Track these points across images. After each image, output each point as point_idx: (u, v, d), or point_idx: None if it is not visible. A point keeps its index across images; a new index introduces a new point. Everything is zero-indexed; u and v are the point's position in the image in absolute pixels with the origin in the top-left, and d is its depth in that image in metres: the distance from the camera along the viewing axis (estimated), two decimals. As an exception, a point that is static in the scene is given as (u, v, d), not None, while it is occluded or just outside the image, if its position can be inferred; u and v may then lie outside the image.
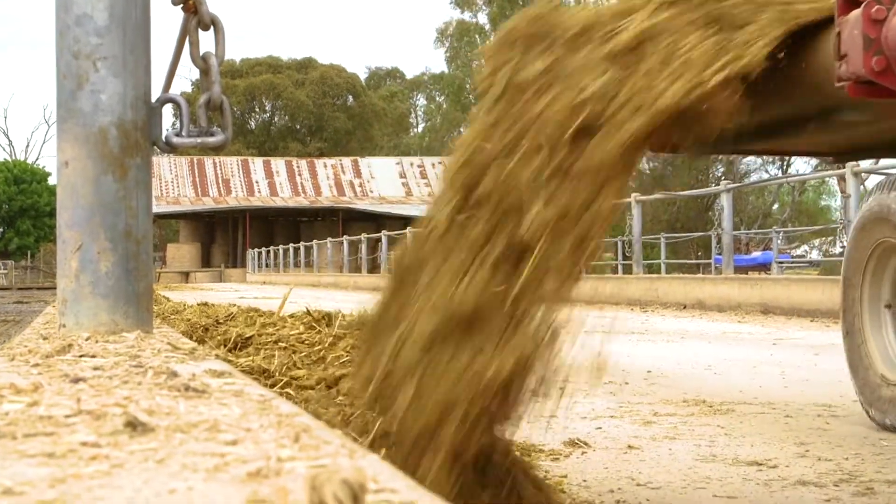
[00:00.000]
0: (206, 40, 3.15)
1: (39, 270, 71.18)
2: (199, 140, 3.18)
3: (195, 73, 3.39)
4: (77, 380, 1.83)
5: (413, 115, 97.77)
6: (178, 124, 3.19)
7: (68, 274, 3.01)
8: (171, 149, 3.16)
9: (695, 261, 30.58)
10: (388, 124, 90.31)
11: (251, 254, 64.40)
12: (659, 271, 26.97)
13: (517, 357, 2.32)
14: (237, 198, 72.00)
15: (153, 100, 3.15)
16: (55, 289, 3.19)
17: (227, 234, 71.51)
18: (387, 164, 77.63)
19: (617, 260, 26.01)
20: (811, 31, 2.65)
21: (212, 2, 3.11)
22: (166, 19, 3.62)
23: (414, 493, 1.01)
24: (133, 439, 1.30)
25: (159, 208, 64.73)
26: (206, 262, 69.76)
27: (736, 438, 4.67)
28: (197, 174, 73.43)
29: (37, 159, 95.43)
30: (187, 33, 3.15)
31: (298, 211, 71.67)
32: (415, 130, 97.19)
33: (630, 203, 20.71)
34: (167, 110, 3.25)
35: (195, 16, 3.10)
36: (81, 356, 2.28)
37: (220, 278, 63.70)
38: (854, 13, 2.48)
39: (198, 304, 10.01)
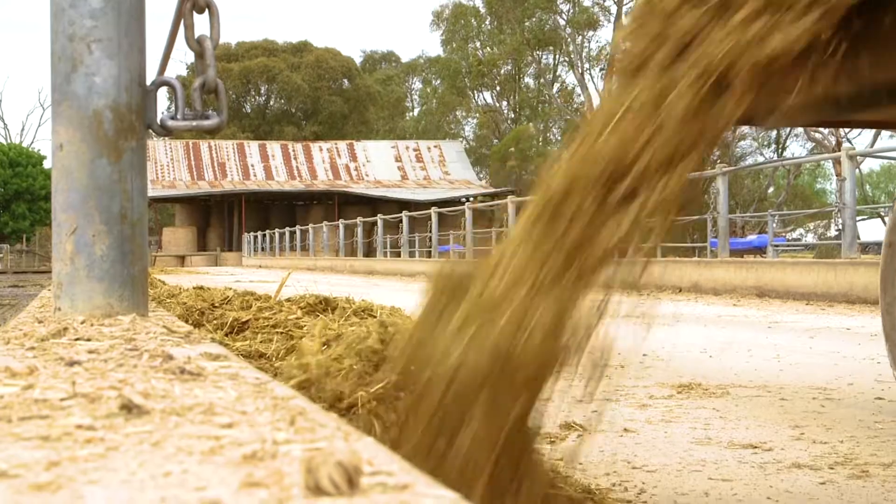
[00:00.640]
0: (201, 23, 3.14)
1: (35, 254, 71.15)
2: (195, 123, 3.17)
3: (190, 57, 3.38)
4: (72, 363, 1.83)
5: (409, 99, 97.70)
6: (173, 107, 3.19)
7: (63, 257, 3.00)
8: (166, 132, 3.16)
9: (690, 244, 30.59)
10: (384, 108, 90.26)
11: (247, 238, 64.41)
12: (654, 255, 26.89)
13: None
14: (233, 181, 71.98)
15: (148, 83, 3.14)
16: (51, 272, 3.19)
17: (222, 218, 71.50)
18: (382, 148, 77.62)
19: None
20: None
21: (207, -16, 3.10)
22: (161, 2, 3.62)
23: (409, 475, 1.01)
24: (128, 422, 1.30)
25: (155, 192, 64.73)
26: (201, 245, 69.76)
27: (731, 421, 4.68)
28: (192, 158, 73.40)
29: (32, 142, 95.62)
30: (182, 16, 3.14)
31: (294, 195, 71.64)
32: (410, 114, 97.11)
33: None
34: (162, 94, 3.25)
35: (190, -2, 3.09)
36: (77, 339, 2.28)
37: (215, 262, 63.70)
38: None
39: (193, 288, 10.00)
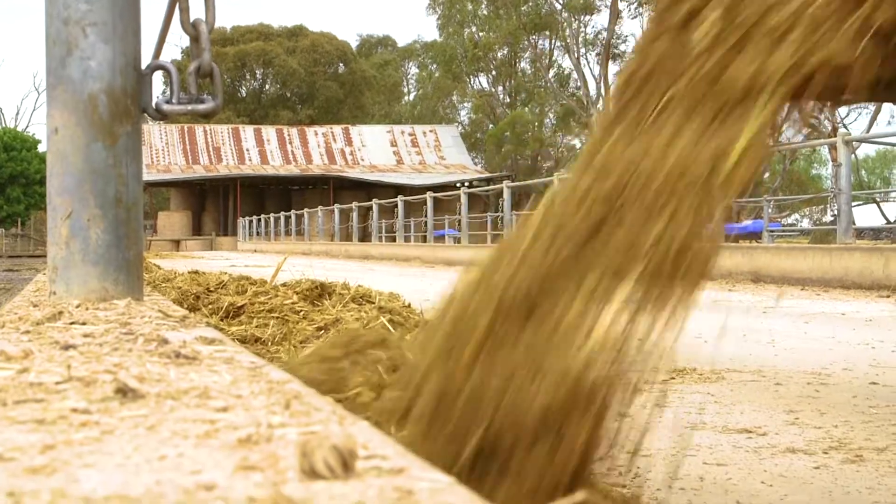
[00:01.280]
0: (196, 7, 3.13)
1: (30, 238, 71.09)
2: (190, 107, 3.16)
3: (185, 41, 3.38)
4: (67, 347, 1.83)
5: (405, 84, 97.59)
6: (168, 92, 3.18)
7: (58, 241, 3.00)
8: (161, 116, 3.15)
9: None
10: (380, 92, 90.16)
11: (242, 222, 64.36)
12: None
13: None
14: (228, 166, 71.90)
15: (143, 67, 3.14)
16: (46, 257, 3.18)
17: (217, 203, 71.44)
18: (378, 133, 77.53)
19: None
20: None
21: (202, -32, 3.10)
22: (156, -15, 3.60)
23: (404, 459, 1.01)
24: (123, 406, 1.30)
25: (150, 176, 64.65)
26: (196, 230, 69.71)
27: (726, 406, 4.69)
28: (187, 142, 73.30)
29: (27, 127, 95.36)
30: (177, 0, 3.14)
31: (289, 179, 71.57)
32: (406, 99, 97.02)
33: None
34: (157, 78, 3.24)
35: (185, -18, 3.08)
36: (72, 323, 2.28)
37: (210, 246, 63.69)
38: None
39: (189, 273, 9.99)
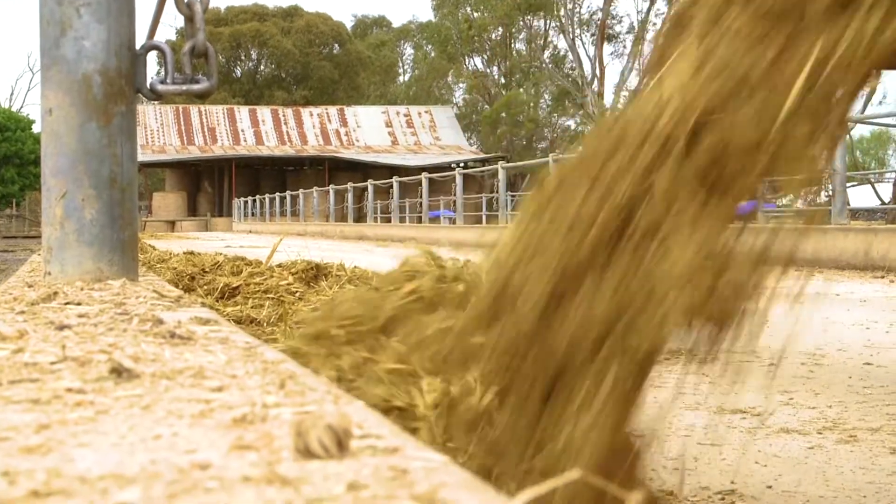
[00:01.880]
0: (191, -14, 3.12)
1: (25, 219, 71.04)
2: (184, 87, 3.16)
3: (180, 21, 3.38)
4: (62, 327, 1.83)
5: (400, 65, 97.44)
6: (162, 72, 3.18)
7: (53, 221, 3.00)
8: (155, 96, 3.15)
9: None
10: (376, 73, 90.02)
11: (237, 203, 64.31)
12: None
13: None
14: (223, 147, 71.81)
15: (137, 47, 3.13)
16: (40, 237, 3.18)
17: (212, 183, 71.34)
18: (373, 114, 77.44)
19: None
20: None
21: (196, -53, 3.09)
22: (150, -35, 3.60)
23: (399, 438, 1.01)
24: (118, 386, 1.30)
25: (145, 157, 64.56)
26: (191, 211, 69.64)
27: (720, 387, 4.70)
28: (182, 123, 73.18)
29: (21, 107, 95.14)
30: (171, -21, 3.13)
31: (284, 160, 71.49)
32: (402, 79, 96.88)
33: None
34: (152, 58, 3.24)
35: (179, -39, 3.07)
36: (67, 304, 2.28)
37: (206, 227, 63.64)
38: None
39: (184, 253, 10.00)
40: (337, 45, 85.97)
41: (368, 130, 75.22)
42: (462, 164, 53.24)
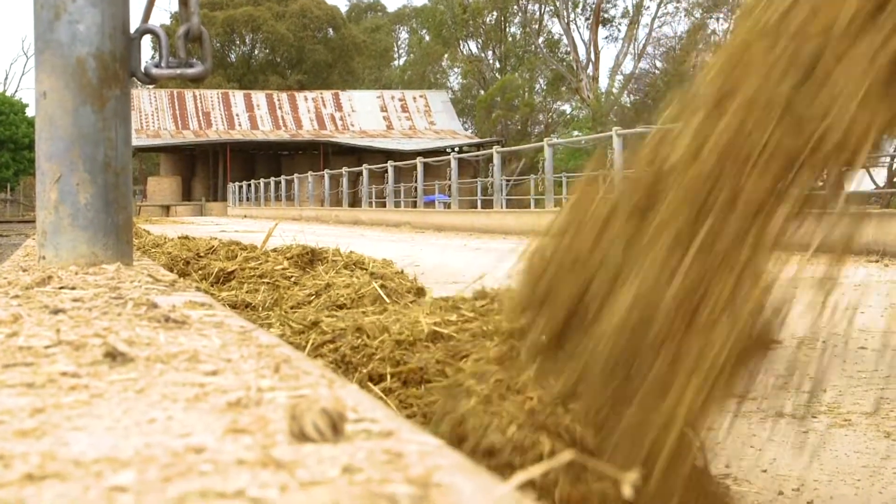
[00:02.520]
0: (185, -30, 3.11)
1: (19, 204, 70.93)
2: (179, 71, 3.15)
3: (174, 5, 3.36)
4: (57, 311, 1.83)
5: (395, 49, 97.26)
6: (157, 56, 3.17)
7: (47, 206, 2.99)
8: (150, 80, 3.14)
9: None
10: (370, 57, 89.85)
11: (232, 187, 64.21)
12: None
13: None
14: (218, 131, 71.67)
15: (132, 31, 3.12)
16: (35, 222, 3.18)
17: (207, 168, 71.22)
18: (368, 98, 77.30)
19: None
20: None
21: (190, -69, 3.08)
22: (144, -51, 3.58)
23: (393, 422, 1.01)
24: (113, 369, 1.30)
25: (139, 141, 64.44)
26: (186, 195, 69.54)
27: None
28: (177, 107, 73.03)
29: (16, 91, 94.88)
30: (165, -37, 3.12)
31: (279, 144, 71.38)
32: (396, 64, 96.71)
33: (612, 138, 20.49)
34: (146, 43, 3.23)
35: (173, -55, 3.07)
36: (61, 288, 2.28)
37: (200, 212, 63.56)
38: None
39: (178, 238, 9.97)
40: (331, 29, 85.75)
41: (363, 115, 75.10)
42: (457, 149, 53.17)
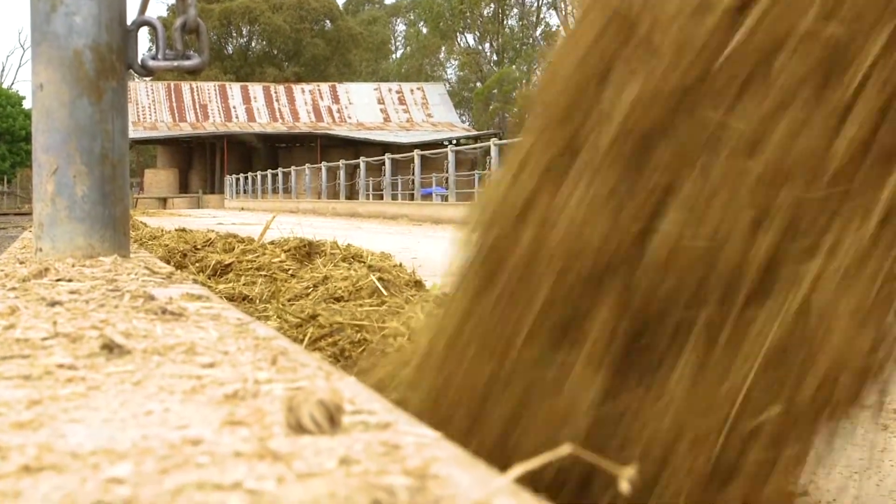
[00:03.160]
0: (182, -38, 3.11)
1: (16, 196, 70.83)
2: (176, 63, 3.15)
3: (171, -4, 3.36)
4: (54, 303, 1.83)
5: (392, 41, 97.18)
6: (153, 48, 3.17)
7: (44, 198, 2.99)
8: (147, 72, 3.14)
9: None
10: (368, 50, 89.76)
11: (229, 180, 64.17)
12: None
13: None
14: (215, 123, 71.59)
15: (129, 23, 3.12)
16: (32, 214, 3.18)
17: (204, 160, 71.14)
18: (365, 90, 77.22)
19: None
20: None
21: (187, -78, 3.07)
22: (141, -60, 3.57)
23: (391, 414, 1.01)
24: (110, 362, 1.30)
25: (136, 134, 64.36)
26: (183, 188, 69.47)
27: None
28: (174, 99, 72.94)
29: (12, 84, 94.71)
30: (162, -45, 3.12)
31: (276, 137, 71.30)
32: (394, 56, 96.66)
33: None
34: (143, 35, 3.23)
35: (170, -63, 3.06)
36: (58, 280, 2.27)
37: (197, 204, 63.50)
38: None
39: (175, 230, 9.97)
40: (328, 21, 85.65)
41: (360, 107, 75.02)
42: (454, 142, 53.13)
